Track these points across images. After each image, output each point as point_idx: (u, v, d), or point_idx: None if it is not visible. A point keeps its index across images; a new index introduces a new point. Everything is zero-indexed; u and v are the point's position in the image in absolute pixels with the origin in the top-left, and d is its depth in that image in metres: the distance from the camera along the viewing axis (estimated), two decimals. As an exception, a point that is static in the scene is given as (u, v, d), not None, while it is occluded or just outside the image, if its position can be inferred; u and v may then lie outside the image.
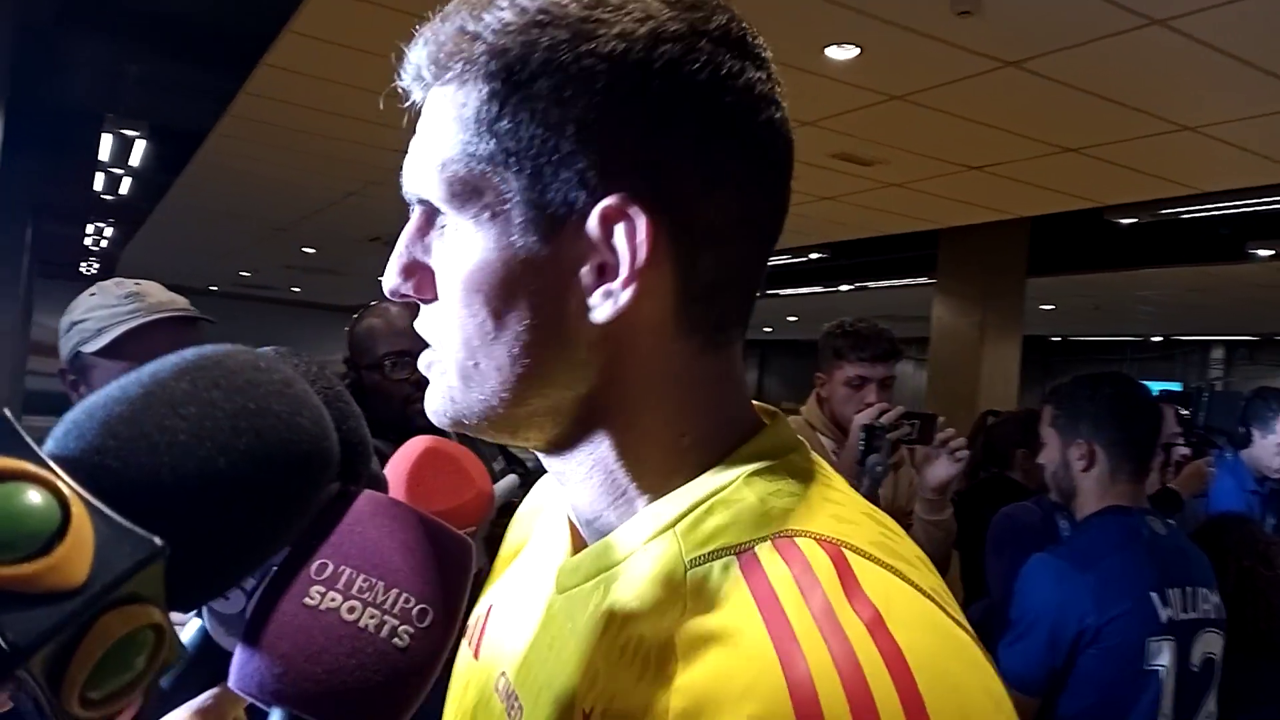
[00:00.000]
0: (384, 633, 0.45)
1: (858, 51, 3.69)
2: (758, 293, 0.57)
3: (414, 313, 0.57)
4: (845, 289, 10.61)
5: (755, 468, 0.53)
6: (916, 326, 8.46)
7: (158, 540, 0.37)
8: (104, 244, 12.25)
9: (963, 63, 3.67)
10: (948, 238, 7.35)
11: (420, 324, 0.56)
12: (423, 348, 0.57)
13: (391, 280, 0.55)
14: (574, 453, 0.56)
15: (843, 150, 4.92)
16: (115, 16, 4.86)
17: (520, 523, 0.76)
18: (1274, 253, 7.03)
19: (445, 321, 0.54)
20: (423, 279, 0.55)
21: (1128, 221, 6.41)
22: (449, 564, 0.50)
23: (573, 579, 0.56)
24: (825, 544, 0.49)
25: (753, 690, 0.44)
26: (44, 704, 0.35)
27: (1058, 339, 15.99)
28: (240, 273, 13.72)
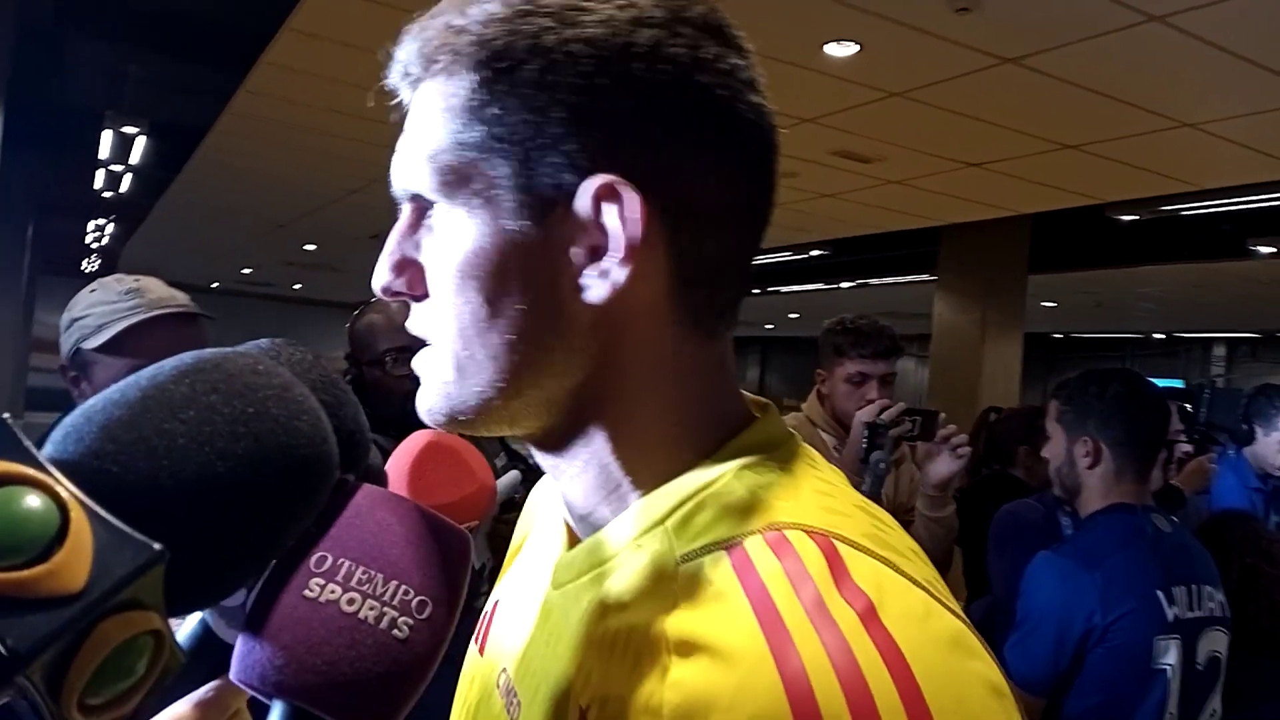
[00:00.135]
0: (383, 624, 0.46)
1: (857, 48, 3.68)
2: (748, 283, 0.57)
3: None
4: (846, 286, 10.61)
5: (746, 461, 0.53)
6: (918, 323, 8.46)
7: (157, 545, 0.37)
8: (105, 241, 12.26)
9: (962, 59, 3.66)
10: (949, 234, 7.35)
11: (412, 323, 0.56)
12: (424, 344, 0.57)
13: (382, 277, 0.55)
14: (570, 447, 0.56)
15: (843, 147, 4.90)
16: (115, 15, 4.86)
17: (525, 517, 0.76)
18: (1276, 250, 7.02)
19: (438, 314, 0.54)
20: (414, 275, 0.55)
21: (1129, 218, 6.40)
22: (448, 557, 0.50)
23: (567, 574, 0.56)
24: (816, 536, 0.49)
25: (746, 689, 0.44)
26: (43, 710, 0.35)
27: (1059, 336, 15.99)
28: (241, 269, 13.73)
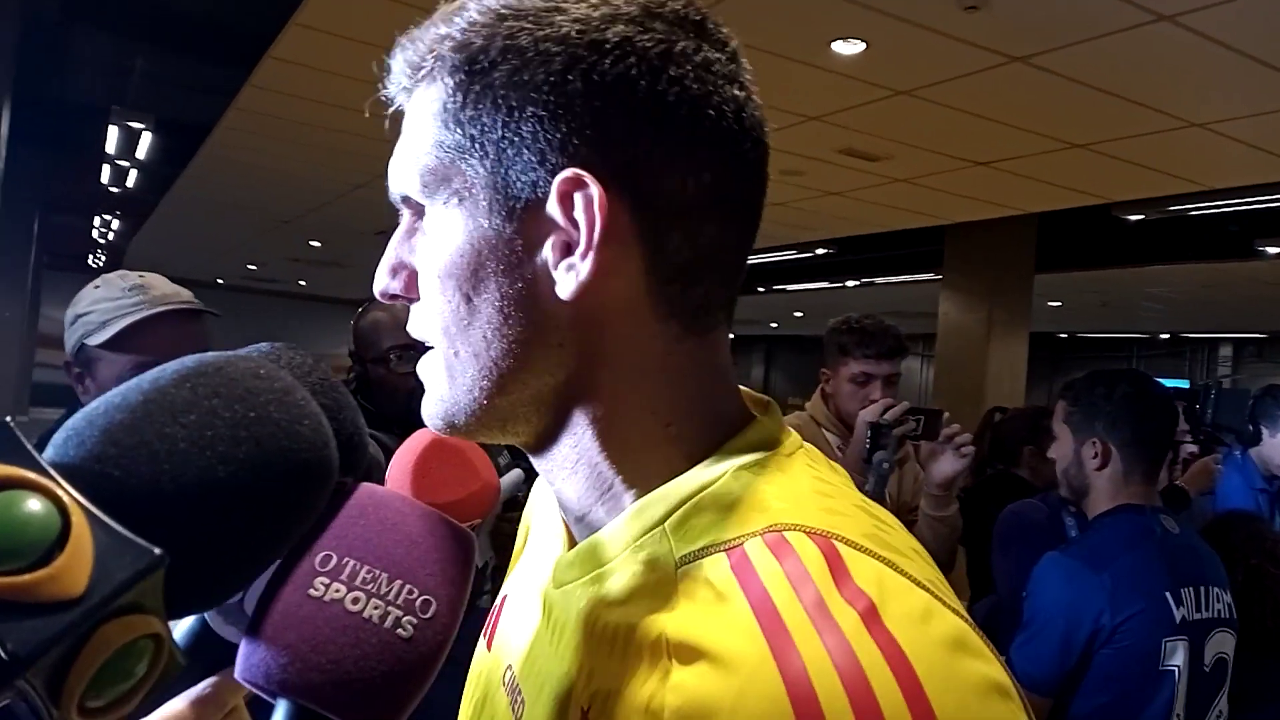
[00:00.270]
0: (388, 623, 0.46)
1: (864, 46, 3.68)
2: (739, 278, 0.56)
3: None
4: (852, 285, 10.60)
5: (744, 461, 0.53)
6: (923, 322, 8.45)
7: (157, 550, 0.37)
8: (111, 237, 12.29)
9: (970, 58, 3.65)
10: (954, 233, 7.34)
11: (410, 325, 0.57)
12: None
13: (380, 281, 0.57)
14: (558, 446, 0.56)
15: (849, 145, 4.89)
16: (121, 10, 4.87)
17: (530, 510, 0.76)
18: (1283, 249, 7.01)
19: (428, 315, 0.55)
20: (409, 278, 0.56)
21: (1135, 218, 6.39)
22: (452, 556, 0.50)
23: (568, 575, 0.56)
24: (816, 537, 0.48)
25: (748, 694, 0.43)
26: (43, 713, 0.35)
27: (1065, 336, 15.95)
28: (247, 265, 13.75)
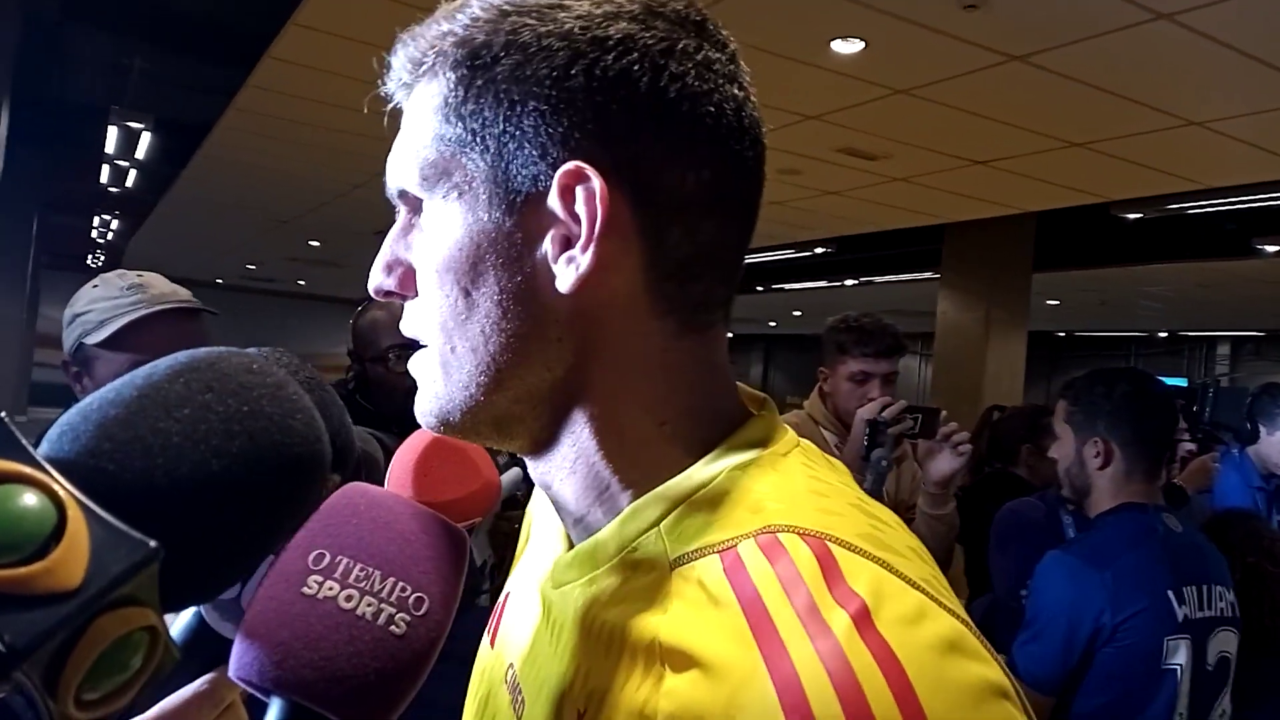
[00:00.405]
0: (381, 620, 0.46)
1: (863, 45, 3.68)
2: (737, 276, 0.56)
3: None
4: (850, 284, 10.59)
5: (740, 460, 0.53)
6: (922, 321, 8.44)
7: (152, 543, 0.37)
8: (110, 236, 12.29)
9: (968, 57, 3.65)
10: (953, 232, 7.34)
11: (404, 324, 0.57)
12: None
13: (376, 278, 0.57)
14: (557, 447, 0.56)
15: (848, 144, 4.89)
16: (120, 10, 4.87)
17: (533, 506, 0.76)
18: (1281, 248, 7.01)
19: (424, 311, 0.54)
20: (405, 275, 0.56)
21: (1134, 217, 6.39)
22: (445, 554, 0.50)
23: (566, 575, 0.56)
24: (809, 539, 0.48)
25: (738, 702, 0.43)
26: (40, 705, 0.35)
27: (1063, 334, 15.95)
28: (246, 265, 13.74)
